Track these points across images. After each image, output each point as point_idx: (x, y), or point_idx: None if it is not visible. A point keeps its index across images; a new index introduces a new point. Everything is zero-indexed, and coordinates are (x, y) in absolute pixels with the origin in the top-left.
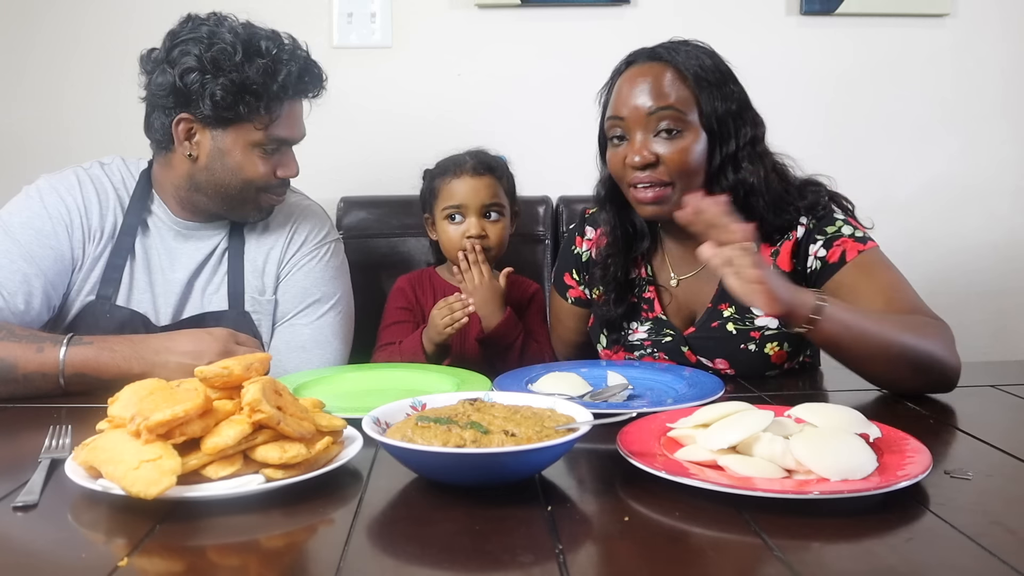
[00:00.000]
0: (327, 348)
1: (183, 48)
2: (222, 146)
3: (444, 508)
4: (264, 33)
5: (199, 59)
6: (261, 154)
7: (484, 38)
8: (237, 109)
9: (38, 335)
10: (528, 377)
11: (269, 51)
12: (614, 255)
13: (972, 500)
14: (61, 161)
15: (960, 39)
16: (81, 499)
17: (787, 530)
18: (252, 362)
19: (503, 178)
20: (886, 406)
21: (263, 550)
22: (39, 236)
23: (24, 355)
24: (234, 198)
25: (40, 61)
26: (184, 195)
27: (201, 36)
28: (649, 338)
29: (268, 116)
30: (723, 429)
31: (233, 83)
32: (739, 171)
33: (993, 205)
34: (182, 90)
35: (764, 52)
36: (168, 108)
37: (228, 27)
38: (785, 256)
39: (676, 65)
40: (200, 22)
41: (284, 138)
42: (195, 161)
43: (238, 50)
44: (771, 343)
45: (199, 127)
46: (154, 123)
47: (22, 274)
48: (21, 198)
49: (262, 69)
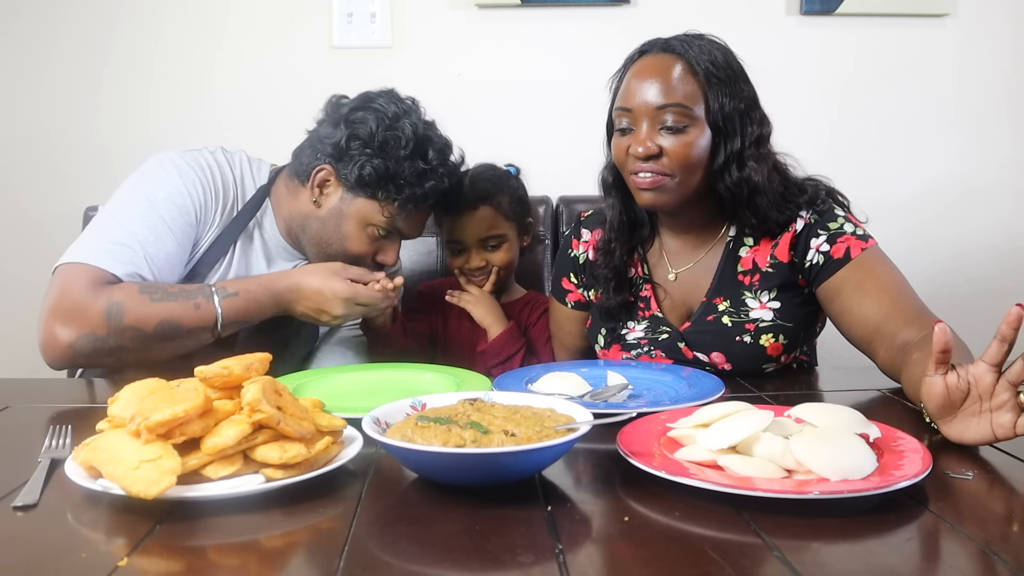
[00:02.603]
0: (362, 352)
1: (365, 116)
2: (346, 209)
3: (444, 508)
4: (439, 142)
5: (372, 134)
6: (374, 234)
7: (484, 38)
8: (376, 190)
9: (186, 290)
10: (528, 377)
11: (432, 159)
12: (617, 239)
13: (972, 500)
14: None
15: (960, 39)
16: (81, 499)
17: (787, 530)
18: (252, 362)
19: (502, 203)
20: (886, 406)
21: (263, 550)
22: (181, 212)
23: (185, 313)
24: (322, 256)
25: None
26: (293, 227)
27: (386, 114)
28: (646, 336)
29: (398, 208)
30: (723, 429)
31: (387, 169)
32: (743, 169)
33: (994, 206)
34: (342, 149)
35: (764, 52)
36: (322, 154)
37: (414, 119)
38: (784, 248)
39: (688, 59)
40: (395, 100)
41: (402, 232)
42: (317, 207)
43: (408, 145)
44: (766, 335)
45: (336, 182)
46: (303, 156)
47: (167, 252)
48: (158, 171)
49: (418, 171)
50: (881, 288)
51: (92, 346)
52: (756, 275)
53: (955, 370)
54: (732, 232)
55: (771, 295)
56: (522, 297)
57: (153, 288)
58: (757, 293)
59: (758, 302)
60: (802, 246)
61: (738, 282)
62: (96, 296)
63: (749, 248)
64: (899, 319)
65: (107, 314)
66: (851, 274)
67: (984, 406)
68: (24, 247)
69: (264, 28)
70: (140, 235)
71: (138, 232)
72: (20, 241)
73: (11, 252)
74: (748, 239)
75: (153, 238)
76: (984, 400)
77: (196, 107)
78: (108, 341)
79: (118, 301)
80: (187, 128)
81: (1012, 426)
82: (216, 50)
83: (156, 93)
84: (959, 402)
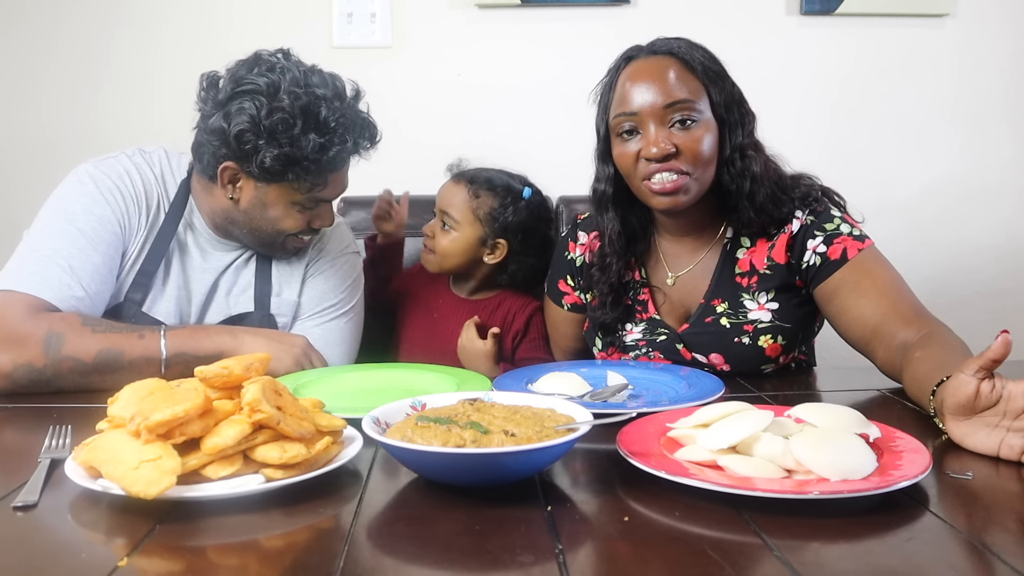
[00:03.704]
0: (333, 350)
1: (241, 102)
2: (264, 199)
3: (444, 508)
4: (325, 93)
5: (255, 121)
6: (300, 210)
7: (484, 38)
8: (285, 175)
9: (132, 326)
10: (528, 377)
11: (327, 122)
12: (614, 256)
13: (972, 500)
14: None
15: (960, 39)
16: (81, 499)
17: (787, 530)
18: (252, 362)
19: (478, 197)
20: (886, 406)
21: (263, 550)
22: (100, 222)
23: (127, 342)
24: (265, 242)
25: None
26: (220, 222)
27: (261, 90)
28: (644, 338)
29: (313, 183)
30: (723, 429)
31: (285, 155)
32: (745, 159)
33: (994, 206)
34: (233, 146)
35: (764, 52)
36: (218, 153)
37: (290, 81)
38: (780, 249)
39: (681, 57)
40: (265, 69)
41: (326, 197)
42: (236, 203)
43: (296, 122)
44: (764, 336)
45: (244, 177)
46: (203, 153)
47: (93, 263)
48: (74, 185)
49: (317, 146)
50: (879, 288)
51: (29, 377)
52: (754, 277)
53: (992, 379)
54: (729, 234)
55: (769, 296)
56: (494, 297)
57: (96, 321)
58: (755, 294)
59: (756, 303)
60: (799, 247)
61: (736, 284)
62: (35, 325)
63: (746, 250)
64: (897, 319)
65: (45, 344)
66: (848, 275)
67: (1004, 422)
68: None
69: (264, 28)
70: (63, 251)
71: (61, 249)
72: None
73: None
74: (745, 240)
75: (76, 251)
76: (1007, 418)
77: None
78: (46, 372)
79: (58, 332)
80: (188, 128)
81: (1020, 451)
82: (216, 50)
83: (157, 93)
84: (981, 409)
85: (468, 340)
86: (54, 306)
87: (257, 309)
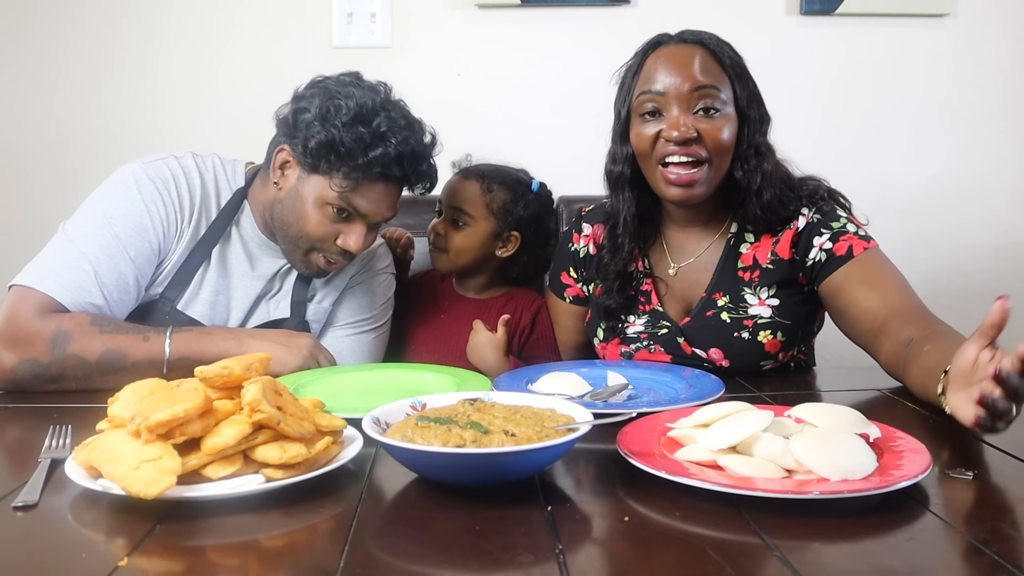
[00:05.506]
0: (358, 361)
1: (313, 93)
2: (302, 189)
3: (444, 508)
4: (390, 113)
5: (317, 106)
6: (331, 214)
7: (484, 38)
8: (320, 162)
9: (140, 327)
10: (528, 377)
11: (378, 127)
12: (626, 236)
13: (972, 500)
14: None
15: (960, 39)
16: (81, 499)
17: (787, 530)
18: (252, 362)
19: (492, 190)
20: (886, 406)
21: (263, 550)
22: (138, 230)
23: (132, 343)
24: (289, 242)
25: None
26: (267, 218)
27: (333, 90)
28: (645, 330)
29: (346, 182)
30: (723, 429)
31: (328, 138)
32: (759, 157)
33: (993, 204)
34: (290, 123)
35: (764, 52)
36: (278, 137)
37: (362, 92)
38: (785, 245)
39: (711, 48)
40: (349, 81)
41: (359, 209)
42: (279, 190)
43: (348, 113)
44: (764, 331)
45: (294, 163)
46: (272, 144)
47: (120, 272)
48: (118, 186)
49: (357, 138)
50: (884, 288)
51: (32, 372)
52: (756, 271)
53: (991, 349)
54: (734, 228)
55: (770, 292)
56: (501, 296)
57: (105, 320)
58: (756, 289)
59: (757, 298)
60: (804, 244)
61: (738, 278)
62: (44, 323)
63: (750, 244)
64: (904, 315)
65: (52, 342)
66: (855, 270)
67: None
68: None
69: (265, 28)
70: (92, 255)
71: (90, 252)
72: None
73: (14, 252)
74: (749, 235)
75: (106, 258)
76: None
77: (198, 107)
78: (49, 368)
79: (66, 330)
80: (189, 130)
81: (971, 419)
82: (217, 51)
83: (159, 94)
84: (979, 379)
85: (478, 331)
86: (68, 309)
87: (293, 315)
